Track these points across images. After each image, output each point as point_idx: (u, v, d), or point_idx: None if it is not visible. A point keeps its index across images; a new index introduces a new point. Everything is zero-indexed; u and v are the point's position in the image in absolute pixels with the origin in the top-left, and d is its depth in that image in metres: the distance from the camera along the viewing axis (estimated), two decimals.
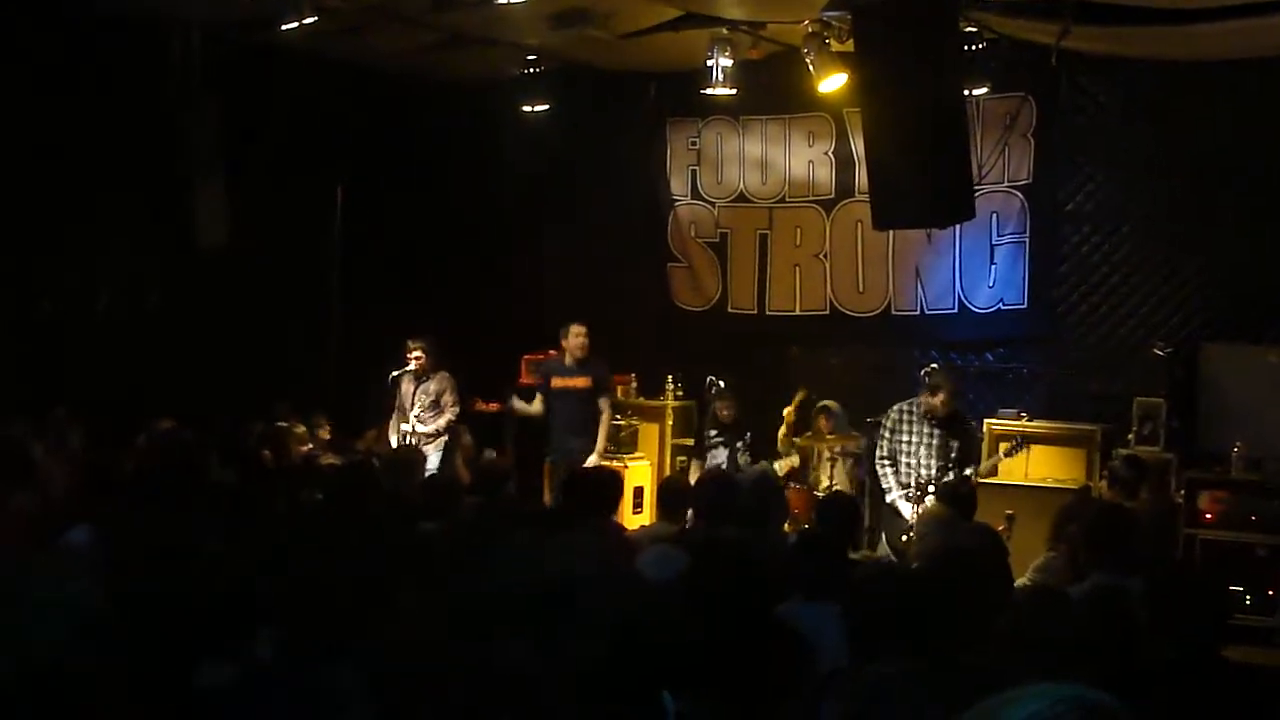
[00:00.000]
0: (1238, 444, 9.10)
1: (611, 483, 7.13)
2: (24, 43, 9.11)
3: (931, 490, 8.29)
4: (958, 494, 7.34)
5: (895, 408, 8.81)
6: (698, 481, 7.54)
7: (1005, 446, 9.13)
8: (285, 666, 3.41)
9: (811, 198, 11.43)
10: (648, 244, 12.07)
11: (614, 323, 11.58)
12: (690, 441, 10.80)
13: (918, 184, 7.13)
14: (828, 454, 10.09)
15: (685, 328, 11.91)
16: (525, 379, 11.30)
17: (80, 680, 2.62)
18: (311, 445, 9.98)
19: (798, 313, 11.53)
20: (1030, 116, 10.38)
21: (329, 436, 10.32)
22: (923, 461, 8.55)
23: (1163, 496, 8.83)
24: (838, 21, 8.94)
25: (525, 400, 10.45)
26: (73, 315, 9.92)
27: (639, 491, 10.35)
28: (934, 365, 9.72)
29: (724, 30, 9.70)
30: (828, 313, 11.37)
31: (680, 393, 11.24)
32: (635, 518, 9.93)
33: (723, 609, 3.91)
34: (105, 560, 4.57)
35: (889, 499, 8.64)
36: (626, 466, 10.21)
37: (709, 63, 9.81)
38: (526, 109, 10.93)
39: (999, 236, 10.61)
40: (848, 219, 11.16)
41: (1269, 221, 9.55)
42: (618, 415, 10.68)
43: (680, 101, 11.59)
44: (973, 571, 4.73)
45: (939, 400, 8.57)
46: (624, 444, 10.65)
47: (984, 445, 9.63)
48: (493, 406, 11.40)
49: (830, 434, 10.05)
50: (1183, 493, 9.07)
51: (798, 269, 11.52)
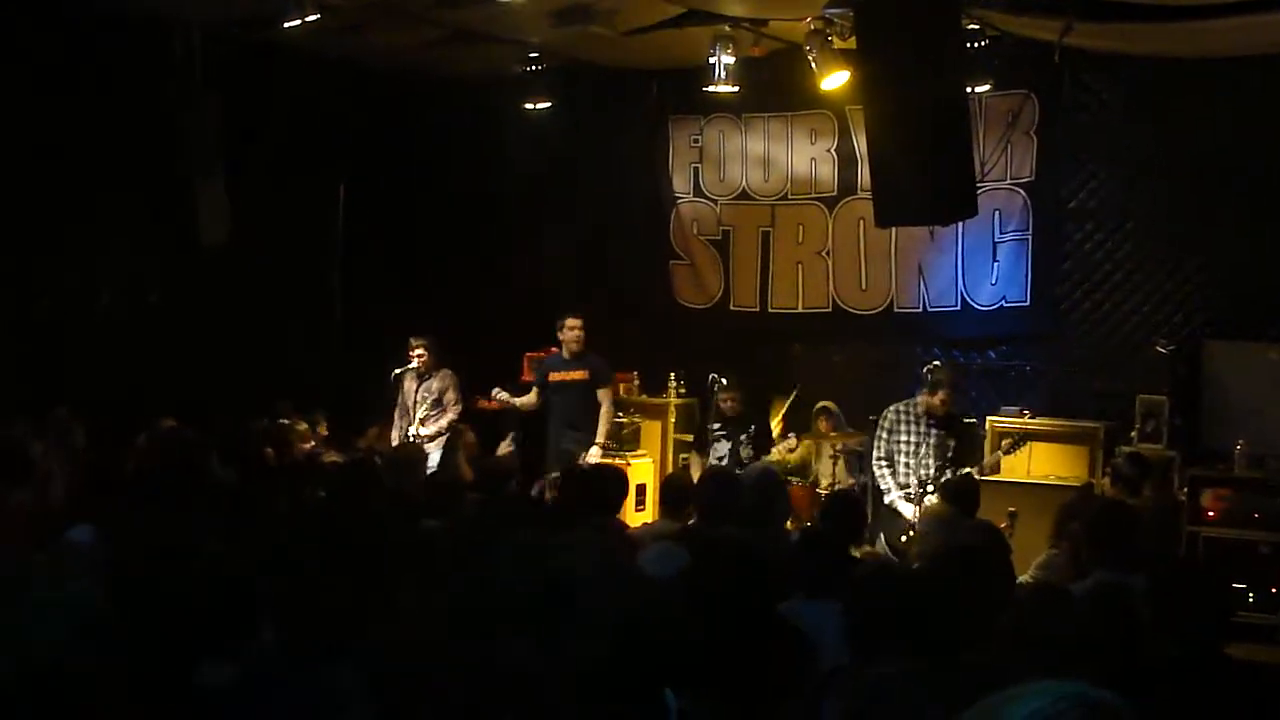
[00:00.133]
0: (1240, 441, 9.10)
1: (616, 481, 7.11)
2: (24, 43, 9.11)
3: (931, 490, 8.28)
4: (961, 491, 7.33)
5: (892, 408, 8.80)
6: (700, 479, 7.52)
7: (1006, 443, 9.11)
8: (285, 666, 3.40)
9: (814, 195, 11.42)
10: (650, 242, 12.06)
11: (616, 320, 11.59)
12: (691, 437, 10.78)
13: (920, 181, 7.11)
14: (829, 452, 10.09)
15: (687, 325, 11.90)
16: (527, 376, 11.29)
17: (80, 679, 2.61)
18: (314, 443, 9.98)
19: (800, 310, 11.52)
20: (1033, 114, 10.37)
21: (326, 433, 10.32)
22: (920, 461, 8.54)
23: (1166, 494, 8.82)
24: (840, 19, 8.93)
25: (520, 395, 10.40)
26: (73, 314, 9.91)
27: (641, 489, 10.34)
28: (936, 363, 9.71)
29: (726, 27, 9.68)
30: (830, 310, 11.36)
31: (683, 390, 11.24)
32: (638, 515, 9.93)
33: (724, 607, 3.90)
34: (106, 560, 4.57)
35: (887, 499, 8.63)
36: (629, 464, 10.21)
37: (711, 60, 9.79)
38: (528, 106, 10.91)
39: (1001, 234, 10.60)
40: (850, 216, 11.15)
41: (1272, 219, 9.53)
42: (620, 413, 10.67)
43: (682, 99, 11.58)
44: (975, 569, 4.72)
45: (939, 399, 8.55)
46: (626, 441, 10.65)
47: (986, 443, 9.63)
48: (493, 405, 11.38)
49: (831, 433, 10.06)
50: (1185, 490, 9.07)
51: (800, 266, 11.51)
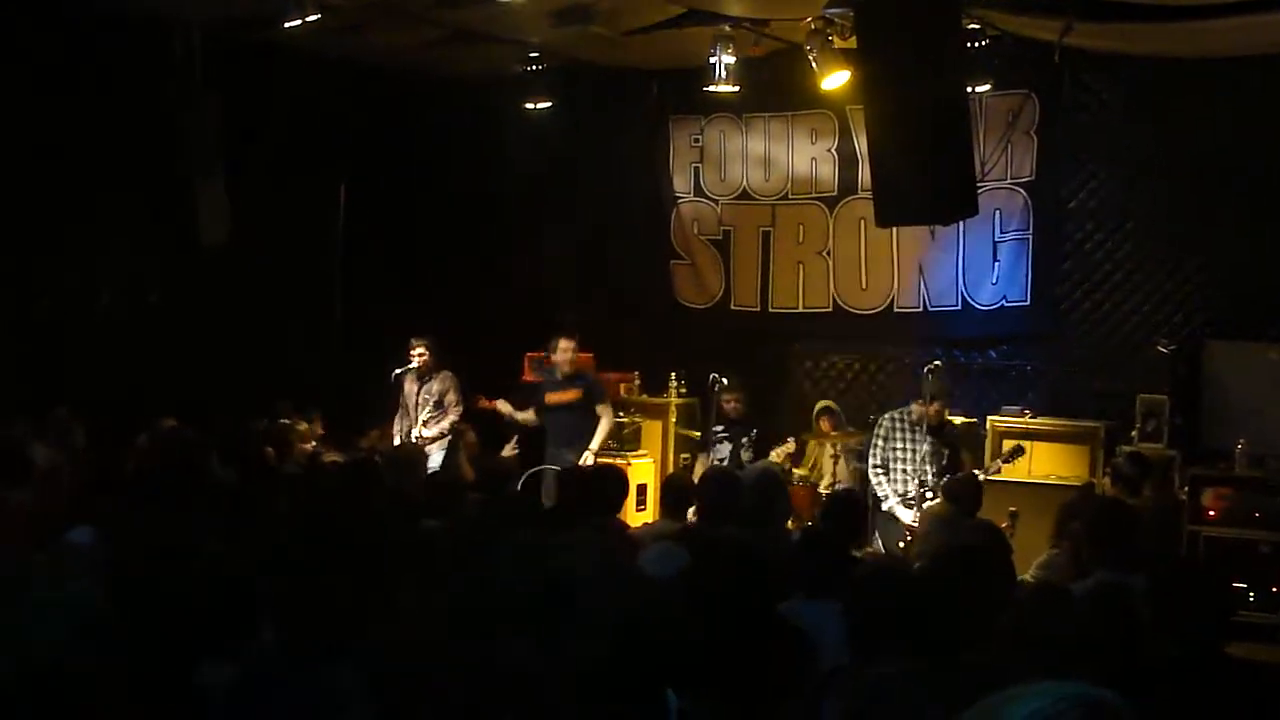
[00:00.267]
0: (1241, 441, 9.10)
1: (616, 481, 7.11)
2: (24, 43, 9.10)
3: (930, 495, 8.31)
4: (963, 491, 7.34)
5: (887, 416, 8.87)
6: (700, 479, 7.51)
7: (1006, 451, 9.08)
8: (285, 666, 3.40)
9: (814, 195, 11.42)
10: (650, 242, 12.06)
11: (616, 320, 11.60)
12: (696, 434, 10.77)
13: (920, 181, 7.10)
14: (830, 452, 10.09)
15: (688, 325, 11.90)
16: (528, 376, 11.28)
17: (80, 679, 2.61)
18: (315, 443, 9.97)
19: (800, 310, 11.52)
20: (1033, 113, 10.37)
21: (322, 433, 10.29)
22: (917, 468, 8.57)
23: (1166, 493, 8.82)
24: (840, 18, 8.93)
25: (521, 406, 10.35)
26: (73, 315, 9.91)
27: (642, 489, 10.34)
28: (936, 363, 9.70)
29: (726, 27, 9.68)
30: (830, 310, 11.36)
31: (683, 390, 11.24)
32: (638, 515, 9.94)
33: (724, 607, 3.90)
34: (106, 560, 4.57)
35: (885, 506, 8.66)
36: (630, 464, 10.21)
37: (711, 60, 9.78)
38: (528, 106, 10.91)
39: (1002, 234, 10.60)
40: (850, 216, 11.15)
41: (1272, 218, 9.53)
42: (620, 413, 10.65)
43: (683, 99, 11.57)
44: (976, 569, 4.72)
45: (934, 409, 8.60)
46: (627, 441, 10.64)
47: (987, 442, 9.64)
48: (495, 404, 11.37)
49: (832, 432, 10.05)
50: (1186, 490, 9.07)
51: (801, 266, 11.51)
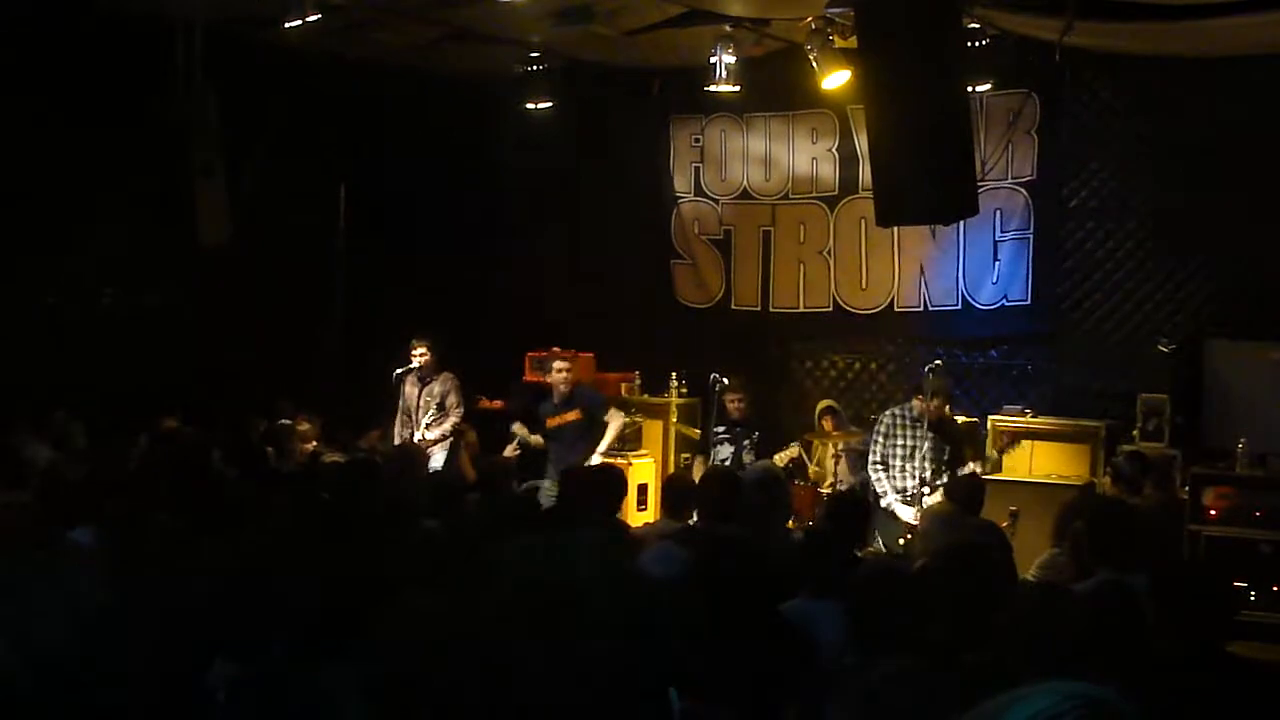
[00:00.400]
0: (1242, 440, 9.08)
1: (615, 480, 7.11)
2: (24, 43, 9.10)
3: (929, 492, 8.33)
4: (964, 490, 7.34)
5: (888, 412, 8.88)
6: (702, 479, 7.51)
7: (1000, 444, 9.13)
8: (286, 666, 3.40)
9: (815, 194, 11.42)
10: (651, 241, 12.06)
11: (617, 320, 11.60)
12: (696, 432, 10.77)
13: (921, 181, 7.09)
14: (832, 451, 10.09)
15: (688, 325, 11.90)
16: (529, 376, 11.29)
17: (80, 679, 2.61)
18: (315, 444, 9.96)
19: (801, 309, 11.53)
20: (1034, 113, 10.37)
21: (319, 433, 10.28)
22: (917, 466, 8.57)
23: (1167, 493, 8.81)
24: (841, 18, 8.92)
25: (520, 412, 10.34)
26: (75, 314, 9.92)
27: (643, 489, 10.34)
28: (938, 361, 9.71)
29: (727, 27, 9.68)
30: (831, 310, 11.37)
31: (684, 390, 11.23)
32: (639, 515, 9.94)
33: (726, 607, 3.90)
34: (108, 560, 4.57)
35: (884, 503, 8.67)
36: (630, 464, 10.21)
37: (712, 60, 9.79)
38: (529, 106, 10.90)
39: (1003, 233, 10.60)
40: (851, 216, 11.15)
41: (1273, 218, 9.52)
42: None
43: (683, 98, 11.57)
44: (976, 569, 4.72)
45: (934, 405, 8.60)
46: (628, 441, 10.63)
47: (987, 441, 9.64)
48: (496, 404, 11.38)
49: (834, 432, 10.05)
50: (1187, 489, 9.06)
51: (801, 266, 11.51)
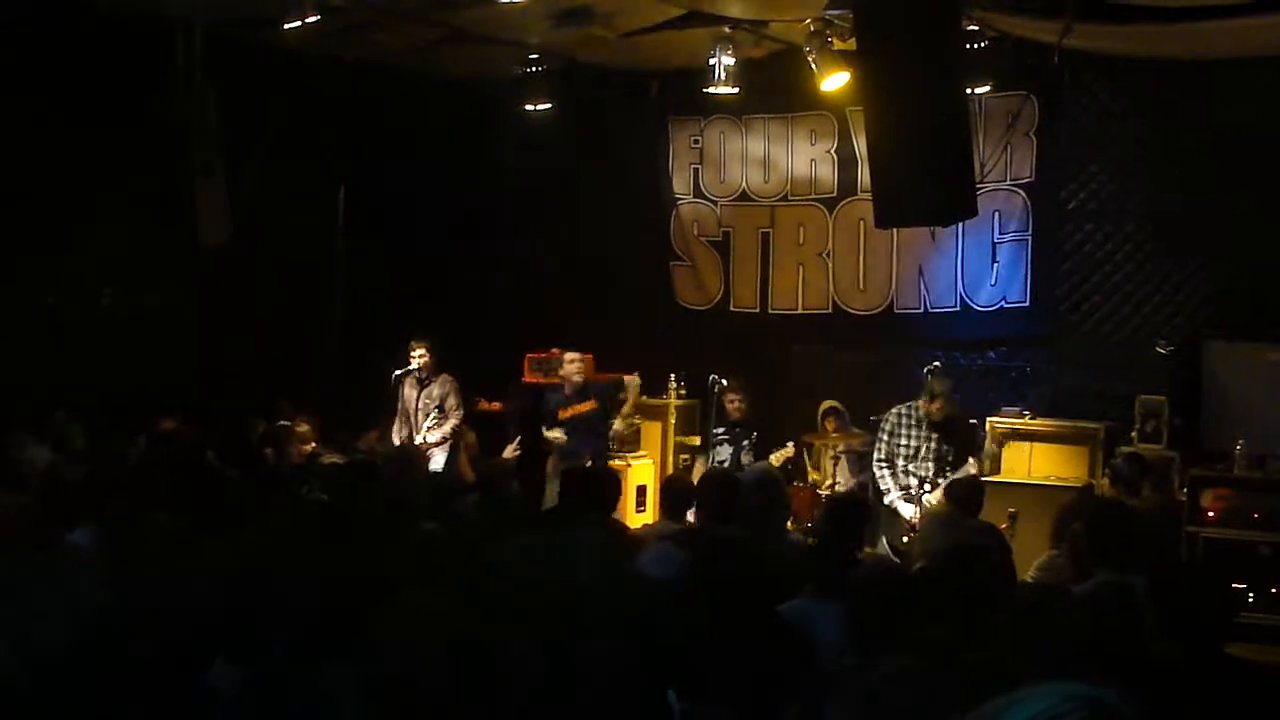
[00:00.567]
0: (1240, 442, 9.09)
1: (609, 481, 7.11)
2: (24, 43, 9.10)
3: (929, 490, 8.34)
4: (964, 492, 7.34)
5: (894, 411, 8.85)
6: (700, 480, 7.52)
7: (998, 437, 9.18)
8: (286, 667, 3.40)
9: (814, 196, 11.42)
10: (650, 243, 12.06)
11: (616, 321, 11.59)
12: (696, 440, 10.77)
13: (920, 183, 7.09)
14: (831, 453, 10.09)
15: (688, 326, 11.91)
16: (528, 377, 11.29)
17: (81, 680, 2.61)
18: (314, 444, 9.96)
19: (800, 311, 11.53)
20: (1033, 115, 10.38)
21: (318, 434, 10.27)
22: (920, 464, 8.58)
23: (1165, 494, 8.81)
24: (840, 20, 8.93)
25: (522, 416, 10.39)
26: (75, 314, 9.92)
27: (642, 490, 10.33)
28: (936, 364, 9.72)
29: (726, 29, 9.69)
30: (830, 311, 11.37)
31: (683, 392, 11.23)
32: (639, 516, 9.93)
33: (725, 608, 3.90)
34: (107, 561, 4.57)
35: (887, 500, 8.68)
36: (629, 465, 10.21)
37: (711, 61, 9.79)
38: (528, 108, 10.90)
39: (1001, 235, 10.60)
40: (850, 217, 11.15)
41: (1271, 219, 9.54)
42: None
43: (682, 100, 11.57)
44: (976, 569, 4.72)
45: (935, 407, 8.62)
46: (627, 442, 10.64)
47: (986, 443, 9.63)
48: (495, 406, 11.39)
49: (835, 433, 10.05)
50: (1185, 491, 9.06)
51: (800, 268, 11.51)
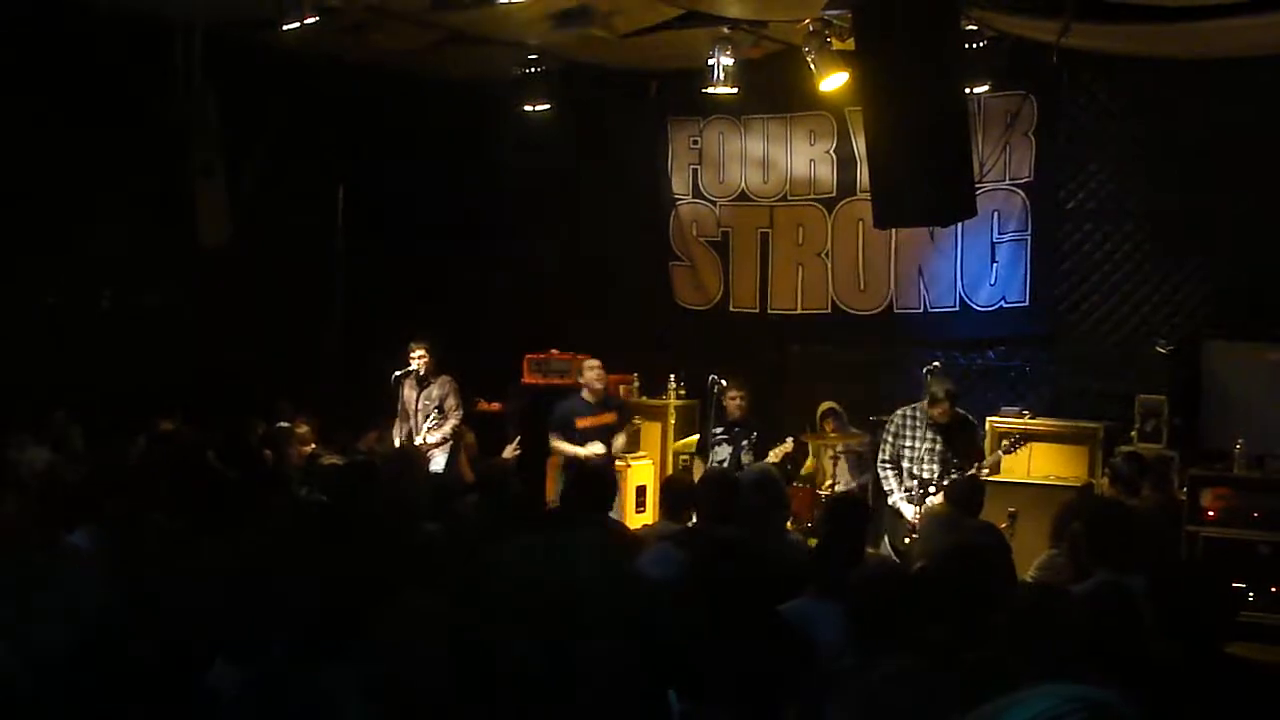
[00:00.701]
0: (1240, 441, 9.09)
1: (603, 480, 7.12)
2: (24, 43, 9.11)
3: (931, 490, 8.34)
4: (964, 492, 7.34)
5: (899, 411, 8.82)
6: (699, 480, 7.52)
7: (1005, 444, 9.15)
8: (286, 667, 3.40)
9: (813, 196, 11.43)
10: (649, 243, 12.06)
11: (615, 322, 11.60)
12: (694, 441, 10.77)
13: (919, 182, 7.10)
14: (830, 453, 10.09)
15: (687, 326, 11.91)
16: (528, 378, 11.30)
17: (81, 680, 2.61)
18: (314, 445, 9.95)
19: (799, 311, 11.53)
20: (1031, 114, 10.38)
21: (317, 435, 10.27)
22: (925, 465, 8.58)
23: (1165, 494, 8.81)
24: (839, 20, 8.93)
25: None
26: (75, 314, 9.92)
27: (641, 490, 10.33)
28: (935, 364, 9.72)
29: (725, 29, 9.69)
30: (829, 311, 11.37)
31: (682, 392, 11.24)
32: (638, 517, 9.94)
33: (725, 608, 3.90)
34: (107, 562, 4.57)
35: (891, 500, 8.67)
36: (629, 465, 10.21)
37: (710, 62, 9.79)
38: (528, 108, 10.91)
39: (1000, 234, 10.61)
40: (849, 217, 11.16)
41: (1270, 219, 9.54)
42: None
43: (681, 100, 11.58)
44: (976, 569, 4.73)
45: (938, 412, 8.60)
46: (626, 443, 10.64)
47: (986, 443, 9.63)
48: (494, 406, 11.39)
49: (833, 434, 10.05)
50: (1185, 490, 9.07)
51: (799, 268, 11.52)
